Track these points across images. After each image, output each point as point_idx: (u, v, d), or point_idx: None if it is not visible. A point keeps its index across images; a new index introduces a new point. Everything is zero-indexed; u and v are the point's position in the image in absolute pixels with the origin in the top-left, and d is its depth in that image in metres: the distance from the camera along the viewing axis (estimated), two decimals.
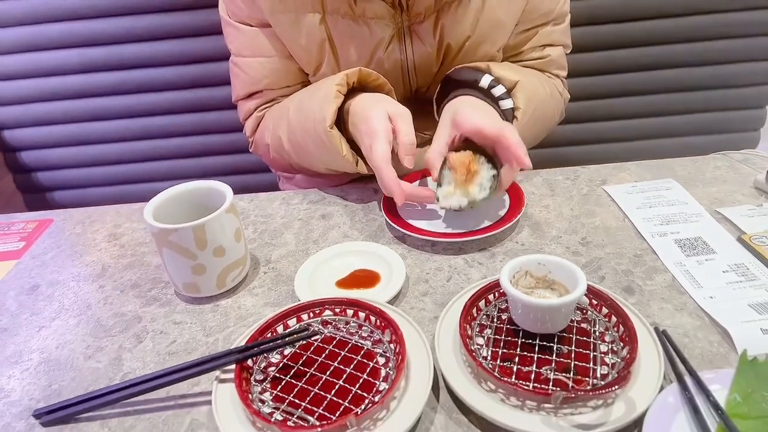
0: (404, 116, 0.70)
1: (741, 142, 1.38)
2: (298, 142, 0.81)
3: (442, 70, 0.85)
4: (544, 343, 0.52)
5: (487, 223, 0.70)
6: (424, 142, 0.85)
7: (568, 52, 0.93)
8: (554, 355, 0.50)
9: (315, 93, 0.78)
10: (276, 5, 0.78)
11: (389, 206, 0.75)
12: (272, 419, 0.45)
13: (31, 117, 1.35)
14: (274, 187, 1.05)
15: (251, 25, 0.83)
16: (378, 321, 0.54)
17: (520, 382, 0.47)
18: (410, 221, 0.72)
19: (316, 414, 0.46)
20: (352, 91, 0.77)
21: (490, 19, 0.81)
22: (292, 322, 0.56)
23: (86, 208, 0.85)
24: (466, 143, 0.71)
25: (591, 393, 0.45)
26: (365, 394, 0.48)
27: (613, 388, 0.44)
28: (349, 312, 0.56)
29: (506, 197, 0.76)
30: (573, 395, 0.45)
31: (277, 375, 0.51)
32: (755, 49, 1.26)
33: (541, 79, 0.87)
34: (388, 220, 0.72)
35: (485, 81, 0.78)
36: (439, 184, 0.70)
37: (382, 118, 0.69)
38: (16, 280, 0.71)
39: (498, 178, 0.68)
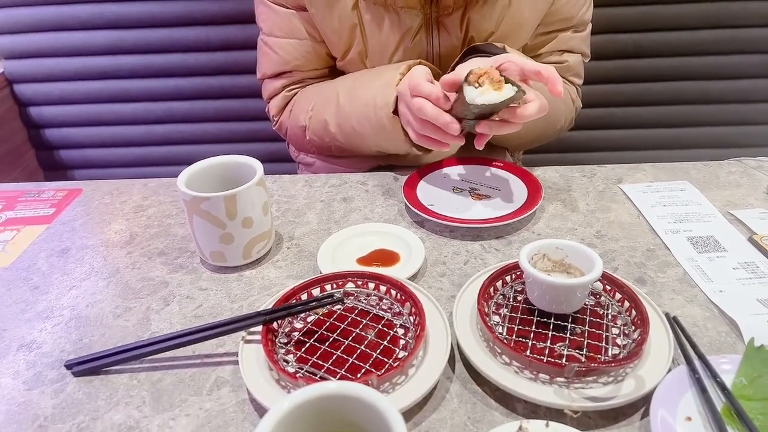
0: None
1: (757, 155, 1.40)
2: (353, 126, 0.83)
3: None
4: (559, 322, 0.54)
5: (504, 212, 0.73)
6: None
7: (587, 61, 0.95)
8: (568, 334, 0.52)
9: (373, 80, 0.81)
10: None
11: (410, 192, 0.78)
12: (297, 377, 0.47)
13: (57, 95, 1.39)
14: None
15: (287, 7, 0.86)
16: (398, 294, 0.57)
17: (535, 355, 0.49)
18: (430, 207, 0.74)
19: (338, 375, 0.49)
20: None
21: (515, 17, 0.83)
22: (315, 291, 0.58)
23: (114, 180, 0.88)
24: None
25: (603, 365, 0.47)
26: (386, 359, 0.50)
27: (626, 363, 0.46)
28: (371, 285, 0.59)
29: (525, 188, 0.78)
30: (585, 368, 0.47)
31: (302, 338, 0.53)
32: None
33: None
34: (408, 203, 0.75)
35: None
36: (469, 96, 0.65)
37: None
38: (48, 243, 0.74)
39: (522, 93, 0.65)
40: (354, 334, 0.53)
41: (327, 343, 0.52)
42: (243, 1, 1.26)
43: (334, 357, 0.50)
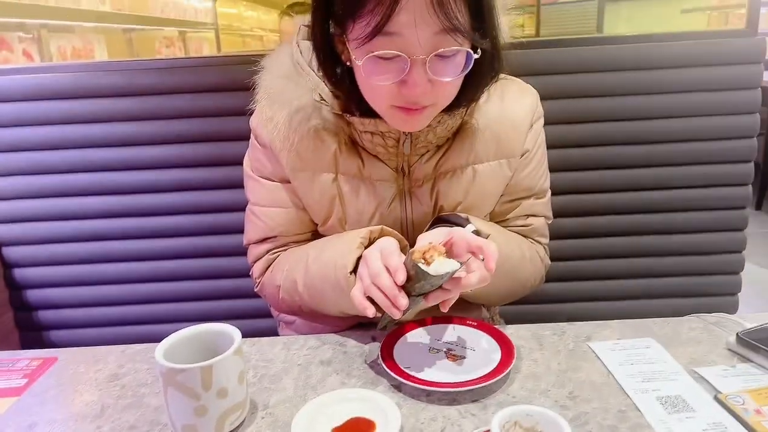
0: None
1: (720, 306, 1.45)
2: (315, 286, 0.87)
3: None
4: None
5: (480, 374, 0.74)
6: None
7: (549, 222, 1.03)
8: None
9: (337, 243, 0.86)
10: (297, 164, 0.89)
11: (387, 354, 0.79)
12: None
13: (44, 257, 1.41)
14: (273, 332, 1.08)
15: (273, 180, 0.94)
16: None
17: None
18: (407, 370, 0.76)
19: None
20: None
21: (479, 189, 0.92)
22: None
23: (91, 347, 0.88)
24: None
25: None
26: None
27: None
28: None
29: (498, 349, 0.80)
30: None
31: None
32: (726, 221, 1.38)
33: (519, 242, 0.95)
34: (385, 368, 0.76)
35: (468, 228, 0.85)
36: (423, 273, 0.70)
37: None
38: (15, 417, 0.72)
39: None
40: None
41: None
42: (231, 168, 1.35)
43: None
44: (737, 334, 0.79)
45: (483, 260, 0.73)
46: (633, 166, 1.34)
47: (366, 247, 0.82)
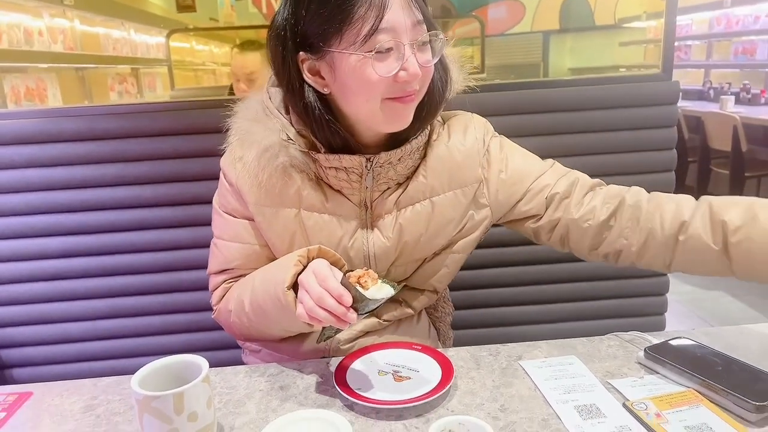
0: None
1: (648, 325, 1.59)
2: (259, 305, 0.93)
3: (400, 259, 1.01)
4: None
5: (422, 392, 0.83)
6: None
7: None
8: None
9: (278, 263, 0.94)
10: (261, 199, 0.97)
11: (340, 377, 0.88)
12: None
13: (5, 298, 1.44)
14: (234, 362, 1.15)
15: (235, 217, 1.02)
16: None
17: None
18: (358, 391, 0.84)
19: None
20: None
21: (439, 219, 1.00)
22: None
23: (64, 381, 0.94)
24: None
25: None
26: None
27: None
28: None
29: (439, 369, 0.90)
30: None
31: None
32: None
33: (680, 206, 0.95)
34: (339, 390, 0.84)
35: None
36: (361, 296, 0.80)
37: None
38: None
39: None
40: None
41: None
42: (188, 208, 1.43)
43: None
44: (645, 349, 0.91)
45: None
46: None
47: (305, 265, 0.88)
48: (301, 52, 0.87)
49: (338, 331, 0.90)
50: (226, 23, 4.61)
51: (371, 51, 0.82)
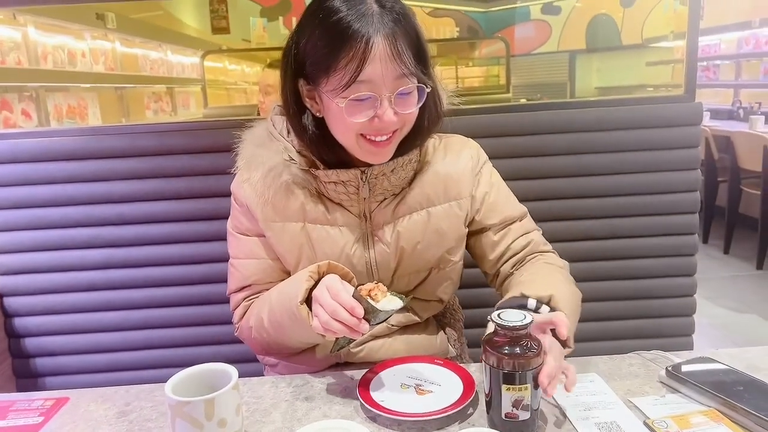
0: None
1: (676, 346, 1.58)
2: (276, 320, 0.98)
3: (400, 267, 1.06)
4: None
5: (444, 405, 0.85)
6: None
7: (541, 232, 1.14)
8: None
9: (292, 279, 0.99)
10: (269, 215, 1.03)
11: (364, 389, 0.90)
12: None
13: (43, 307, 1.50)
14: (258, 375, 1.18)
15: (248, 236, 1.07)
16: None
17: None
18: (381, 403, 0.87)
19: None
20: None
21: (435, 229, 1.05)
22: None
23: (99, 388, 0.98)
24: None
25: None
26: None
27: None
28: None
29: (461, 384, 0.91)
30: None
31: None
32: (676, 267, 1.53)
33: (558, 273, 1.03)
34: (362, 402, 0.87)
35: (531, 304, 0.93)
36: (372, 308, 0.85)
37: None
38: None
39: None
40: None
41: None
42: (218, 222, 1.46)
43: None
44: (666, 368, 0.91)
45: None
46: (588, 217, 1.49)
47: (316, 280, 0.93)
48: (300, 79, 0.96)
49: (351, 341, 0.94)
50: (258, 44, 4.74)
51: (348, 98, 0.89)
